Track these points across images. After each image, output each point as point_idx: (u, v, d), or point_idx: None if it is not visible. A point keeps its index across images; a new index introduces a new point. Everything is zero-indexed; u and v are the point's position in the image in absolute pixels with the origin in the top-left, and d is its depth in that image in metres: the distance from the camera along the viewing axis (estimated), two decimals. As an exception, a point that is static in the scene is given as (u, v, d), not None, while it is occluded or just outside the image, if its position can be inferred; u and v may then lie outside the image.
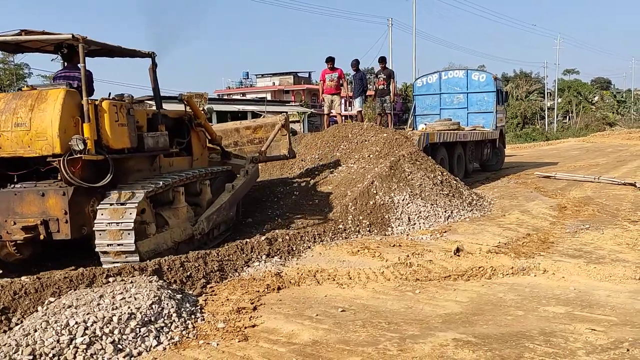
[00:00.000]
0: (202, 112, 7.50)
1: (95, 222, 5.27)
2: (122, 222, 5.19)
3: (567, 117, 60.37)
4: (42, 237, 5.34)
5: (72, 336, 3.60)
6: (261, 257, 6.06)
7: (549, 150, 25.76)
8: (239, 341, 3.84)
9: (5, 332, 3.82)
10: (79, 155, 5.12)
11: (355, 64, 12.80)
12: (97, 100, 5.48)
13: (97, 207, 5.35)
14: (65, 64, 6.19)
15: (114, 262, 5.20)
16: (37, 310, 4.00)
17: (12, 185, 5.53)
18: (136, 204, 5.26)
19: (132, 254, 5.23)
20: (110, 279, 4.63)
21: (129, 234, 5.16)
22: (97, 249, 5.26)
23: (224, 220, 7.13)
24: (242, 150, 8.78)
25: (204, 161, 7.63)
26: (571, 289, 4.87)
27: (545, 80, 60.93)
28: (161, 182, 5.82)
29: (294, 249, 6.45)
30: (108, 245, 5.22)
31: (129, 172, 5.93)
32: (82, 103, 5.26)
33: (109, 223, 5.21)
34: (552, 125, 54.36)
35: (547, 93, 59.42)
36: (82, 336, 3.61)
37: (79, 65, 5.55)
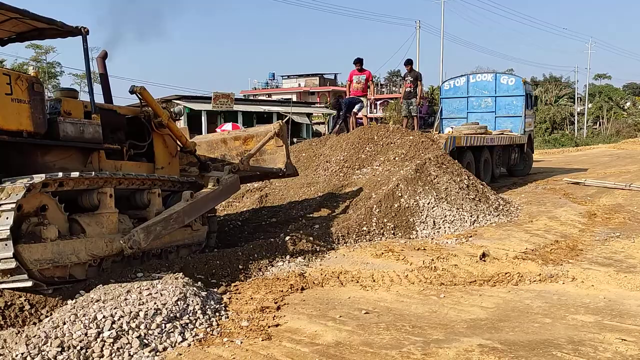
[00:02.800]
0: (166, 110, 6.21)
1: None
2: None
3: (598, 123, 59.08)
4: None
5: (99, 330, 3.67)
6: (285, 257, 6.07)
7: (578, 156, 25.24)
8: (262, 340, 3.86)
9: (35, 323, 3.91)
10: None
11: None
12: None
13: None
14: None
15: (3, 282, 4.13)
16: (66, 304, 4.08)
17: None
18: (14, 203, 4.03)
19: (16, 272, 4.07)
20: (139, 274, 4.70)
21: (6, 245, 3.98)
22: None
23: (185, 242, 5.96)
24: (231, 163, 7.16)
25: (174, 172, 6.30)
26: (601, 298, 4.75)
27: (575, 85, 59.87)
28: (60, 174, 4.44)
29: (318, 249, 6.45)
30: None
31: (45, 168, 4.80)
32: None
33: None
34: (581, 131, 53.30)
35: (577, 98, 58.32)
36: (109, 330, 3.68)
37: None
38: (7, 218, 4.00)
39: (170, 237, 5.63)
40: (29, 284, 4.13)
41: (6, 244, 3.98)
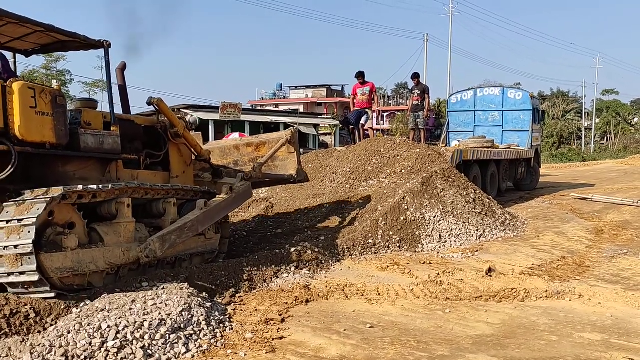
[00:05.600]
0: (182, 120, 6.36)
1: None
2: (20, 244, 4.10)
3: (605, 138, 58.91)
4: None
5: (103, 339, 3.66)
6: (290, 268, 6.06)
7: (585, 172, 25.12)
8: (266, 352, 3.84)
9: (39, 332, 3.91)
10: None
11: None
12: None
13: None
14: None
15: (26, 294, 4.24)
16: (71, 312, 4.09)
17: None
18: (34, 218, 4.15)
19: (39, 284, 4.19)
20: (144, 284, 4.70)
21: (29, 259, 4.11)
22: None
23: (199, 250, 6.02)
24: (243, 171, 7.18)
25: (188, 180, 6.41)
26: (608, 316, 4.70)
27: (583, 100, 59.73)
28: (80, 187, 4.61)
29: (323, 261, 6.43)
30: (8, 274, 4.17)
31: (65, 178, 4.94)
32: None
33: (4, 246, 4.15)
34: (589, 146, 53.13)
35: (585, 113, 58.19)
36: (113, 340, 3.67)
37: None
38: (29, 232, 4.12)
39: (184, 246, 5.70)
40: (52, 295, 4.25)
41: (29, 258, 4.11)
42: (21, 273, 4.16)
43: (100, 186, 4.77)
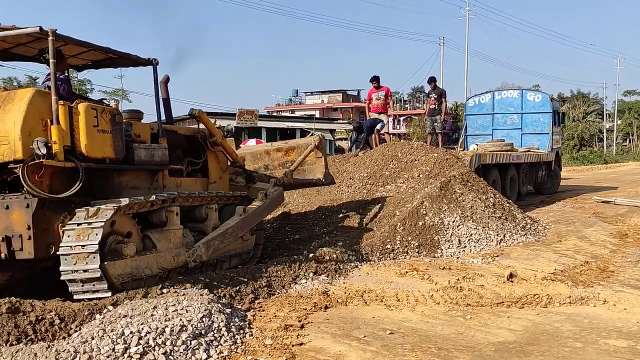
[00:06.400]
0: (220, 129, 6.82)
1: (60, 244, 4.58)
2: (87, 244, 4.48)
3: (627, 140, 57.85)
4: (3, 255, 4.68)
5: (126, 345, 3.71)
6: (308, 274, 6.06)
7: (607, 174, 24.72)
8: (286, 359, 3.84)
9: (64, 338, 3.97)
10: (40, 161, 4.54)
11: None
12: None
13: (63, 228, 4.72)
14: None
15: (82, 292, 4.57)
16: (94, 319, 4.14)
17: None
18: (102, 222, 4.56)
19: (99, 281, 4.52)
20: (164, 290, 4.74)
21: (94, 257, 4.47)
22: (62, 277, 4.55)
23: (236, 251, 6.44)
24: (273, 175, 7.74)
25: (224, 185, 6.87)
26: (634, 322, 4.61)
27: (604, 102, 58.81)
28: (141, 198, 5.13)
29: (341, 267, 6.42)
30: (74, 271, 4.51)
31: (120, 188, 5.35)
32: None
33: (74, 245, 4.51)
34: (610, 148, 52.25)
35: (606, 114, 57.24)
36: (136, 346, 3.72)
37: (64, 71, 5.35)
38: (96, 234, 4.51)
39: (224, 248, 6.11)
40: (109, 294, 4.54)
41: (94, 257, 4.48)
42: (84, 270, 4.51)
43: (159, 195, 5.33)
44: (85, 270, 4.49)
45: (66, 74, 5.59)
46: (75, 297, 4.58)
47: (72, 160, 4.75)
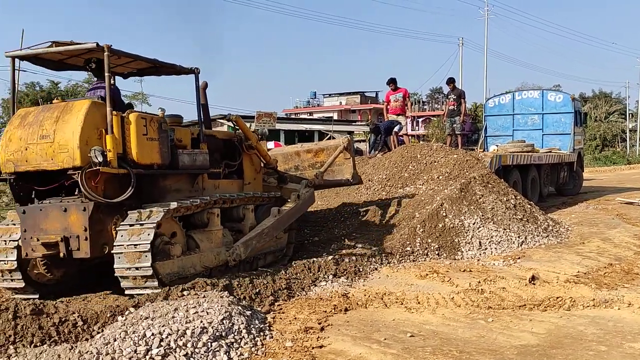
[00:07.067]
0: (255, 133, 7.21)
1: (114, 243, 4.98)
2: (139, 244, 4.84)
3: (652, 139, 56.65)
4: (62, 254, 5.09)
5: (148, 347, 3.74)
6: (328, 276, 6.06)
7: (631, 175, 24.26)
8: (306, 361, 3.84)
9: (87, 339, 4.03)
10: (96, 168, 4.87)
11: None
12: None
13: (117, 228, 5.09)
14: (96, 79, 6.02)
15: (134, 288, 4.94)
16: (116, 320, 4.19)
17: (40, 201, 5.31)
18: (154, 224, 4.92)
19: (150, 278, 4.89)
20: (185, 292, 4.78)
21: (146, 256, 4.82)
22: (116, 274, 4.96)
23: (271, 249, 6.79)
24: (303, 175, 8.11)
25: (258, 186, 7.24)
26: (661, 326, 4.51)
27: (626, 101, 57.72)
28: (188, 202, 5.48)
29: (361, 269, 6.40)
30: (127, 269, 4.89)
31: (164, 191, 5.68)
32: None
33: (127, 245, 4.89)
34: (634, 148, 51.29)
35: (629, 114, 56.19)
36: (157, 347, 3.75)
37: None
38: (148, 234, 4.87)
39: (260, 247, 6.42)
40: (158, 290, 4.82)
41: (146, 255, 4.83)
42: (137, 268, 4.85)
43: (202, 198, 5.70)
44: (137, 268, 4.84)
45: (114, 83, 5.86)
46: (126, 292, 5.00)
47: (125, 167, 5.09)
